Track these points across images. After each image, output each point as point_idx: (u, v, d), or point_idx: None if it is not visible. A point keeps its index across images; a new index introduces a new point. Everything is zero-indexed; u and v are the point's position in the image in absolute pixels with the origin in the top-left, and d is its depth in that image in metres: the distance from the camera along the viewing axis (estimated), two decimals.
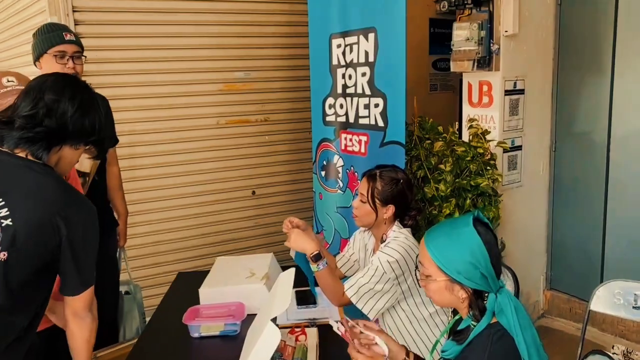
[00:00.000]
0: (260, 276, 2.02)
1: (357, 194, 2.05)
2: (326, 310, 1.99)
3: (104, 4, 3.17)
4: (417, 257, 1.42)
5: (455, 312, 1.37)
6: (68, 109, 1.34)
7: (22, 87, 1.84)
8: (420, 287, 1.76)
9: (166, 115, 3.38)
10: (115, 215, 2.66)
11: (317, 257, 1.86)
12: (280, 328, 1.43)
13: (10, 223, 1.24)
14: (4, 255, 1.24)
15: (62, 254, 1.30)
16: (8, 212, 1.24)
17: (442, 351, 1.33)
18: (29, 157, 1.31)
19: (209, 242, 3.59)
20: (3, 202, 1.25)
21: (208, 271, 2.24)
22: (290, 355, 1.58)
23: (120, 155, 2.82)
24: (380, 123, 2.42)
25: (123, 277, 2.71)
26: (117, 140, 2.65)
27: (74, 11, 3.12)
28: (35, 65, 2.35)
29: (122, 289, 2.65)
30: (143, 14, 3.25)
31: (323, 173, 2.84)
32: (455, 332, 1.32)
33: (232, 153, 3.61)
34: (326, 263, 1.87)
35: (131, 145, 3.22)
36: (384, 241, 1.96)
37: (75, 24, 3.12)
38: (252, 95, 3.60)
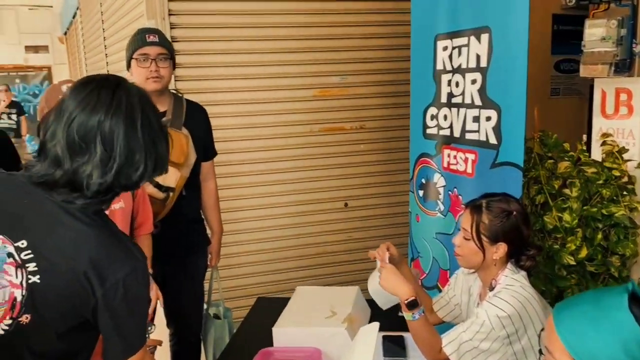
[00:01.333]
0: (342, 318, 1.75)
1: (458, 228, 1.72)
2: None
3: (198, 7, 3.09)
4: (541, 330, 1.08)
5: None
6: (146, 170, 1.10)
7: None
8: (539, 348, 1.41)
9: (256, 122, 3.23)
10: (209, 233, 2.50)
11: (413, 305, 1.56)
12: None
13: (38, 281, 1.05)
14: (27, 318, 1.06)
15: (99, 317, 1.08)
16: (36, 268, 1.05)
17: None
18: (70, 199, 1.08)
19: (296, 255, 3.40)
20: (31, 255, 1.06)
21: (288, 299, 2.03)
22: None
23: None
24: (492, 139, 2.06)
25: (214, 297, 2.57)
26: (215, 153, 2.48)
27: (169, 14, 3.06)
28: (128, 72, 2.26)
29: (212, 311, 2.51)
30: (236, 16, 3.13)
31: (421, 192, 2.51)
32: None
33: (324, 162, 3.39)
34: (423, 311, 1.57)
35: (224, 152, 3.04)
36: (494, 288, 1.61)
37: (171, 27, 3.06)
38: (347, 100, 3.36)
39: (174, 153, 2.19)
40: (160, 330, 2.38)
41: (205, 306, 2.50)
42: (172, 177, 2.21)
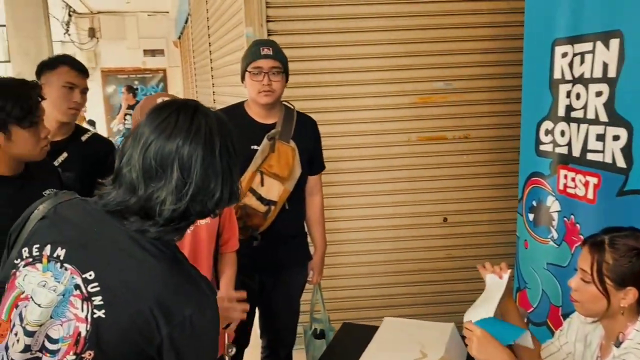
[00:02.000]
0: None
1: (574, 266, 1.47)
2: None
3: (296, 12, 3.03)
4: None
5: None
6: (222, 198, 1.04)
7: None
8: None
9: (353, 130, 3.10)
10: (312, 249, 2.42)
11: None
12: None
13: (103, 315, 1.00)
14: (90, 355, 1.01)
15: (164, 356, 1.01)
16: (102, 302, 1.00)
17: None
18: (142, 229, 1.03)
19: (392, 271, 3.23)
20: (98, 288, 1.00)
21: (375, 328, 1.88)
22: None
23: None
24: (620, 162, 1.76)
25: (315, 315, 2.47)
26: (323, 167, 2.39)
27: (267, 21, 3.03)
28: (242, 83, 2.23)
29: (316, 325, 2.42)
30: (335, 21, 3.03)
31: (531, 216, 2.23)
32: None
33: (424, 174, 3.18)
34: None
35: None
36: (621, 344, 1.35)
37: (269, 34, 3.03)
38: (450, 108, 3.13)
39: (279, 166, 2.16)
40: (254, 342, 2.35)
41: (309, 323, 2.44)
42: (275, 191, 2.16)
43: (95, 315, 1.00)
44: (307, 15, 3.02)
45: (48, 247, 1.05)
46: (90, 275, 1.02)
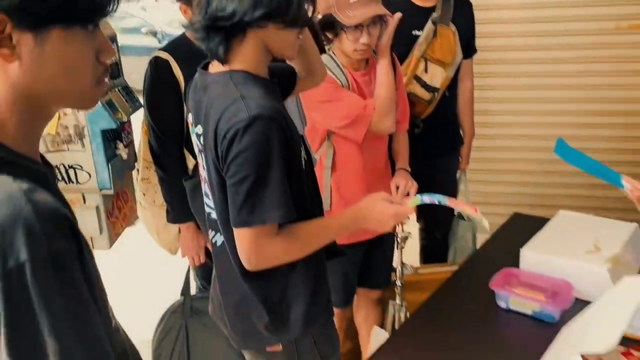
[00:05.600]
0: (607, 256, 1.52)
1: None
2: None
3: None
4: None
5: None
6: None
7: None
8: None
9: (543, 16, 2.83)
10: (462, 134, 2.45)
11: None
12: None
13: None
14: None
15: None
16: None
17: None
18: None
19: (561, 170, 2.96)
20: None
21: (547, 220, 1.85)
22: None
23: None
24: None
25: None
26: (475, 50, 2.35)
27: None
28: None
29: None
30: None
31: None
32: None
33: (631, 68, 2.81)
34: None
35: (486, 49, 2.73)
36: None
37: None
38: None
39: (441, 51, 2.14)
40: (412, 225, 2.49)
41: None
42: (438, 77, 2.18)
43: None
44: None
45: None
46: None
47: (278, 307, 1.26)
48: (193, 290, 2.12)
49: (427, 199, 1.33)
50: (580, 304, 1.42)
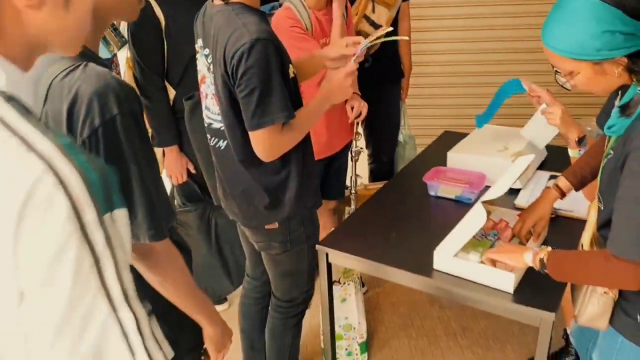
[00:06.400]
0: (512, 152, 1.96)
1: None
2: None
3: None
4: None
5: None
6: None
7: None
8: None
9: None
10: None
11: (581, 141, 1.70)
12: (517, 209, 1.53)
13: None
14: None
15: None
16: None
17: (607, 128, 1.17)
18: None
19: (479, 93, 3.46)
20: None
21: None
22: (508, 238, 1.57)
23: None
24: None
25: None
26: None
27: None
28: None
29: (400, 137, 2.89)
30: None
31: None
32: (621, 107, 1.14)
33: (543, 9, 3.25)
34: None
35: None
36: None
37: None
38: None
39: None
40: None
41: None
42: (383, 17, 2.51)
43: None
44: None
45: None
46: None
47: (275, 192, 1.60)
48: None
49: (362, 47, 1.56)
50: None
